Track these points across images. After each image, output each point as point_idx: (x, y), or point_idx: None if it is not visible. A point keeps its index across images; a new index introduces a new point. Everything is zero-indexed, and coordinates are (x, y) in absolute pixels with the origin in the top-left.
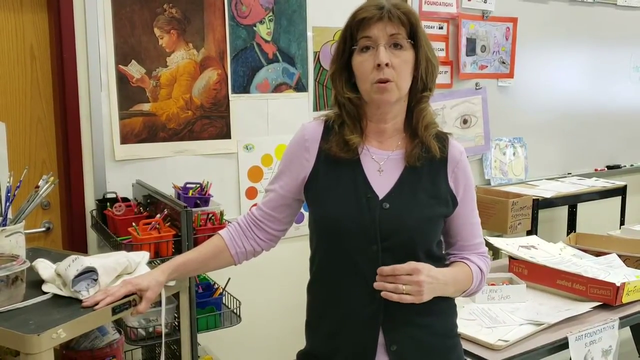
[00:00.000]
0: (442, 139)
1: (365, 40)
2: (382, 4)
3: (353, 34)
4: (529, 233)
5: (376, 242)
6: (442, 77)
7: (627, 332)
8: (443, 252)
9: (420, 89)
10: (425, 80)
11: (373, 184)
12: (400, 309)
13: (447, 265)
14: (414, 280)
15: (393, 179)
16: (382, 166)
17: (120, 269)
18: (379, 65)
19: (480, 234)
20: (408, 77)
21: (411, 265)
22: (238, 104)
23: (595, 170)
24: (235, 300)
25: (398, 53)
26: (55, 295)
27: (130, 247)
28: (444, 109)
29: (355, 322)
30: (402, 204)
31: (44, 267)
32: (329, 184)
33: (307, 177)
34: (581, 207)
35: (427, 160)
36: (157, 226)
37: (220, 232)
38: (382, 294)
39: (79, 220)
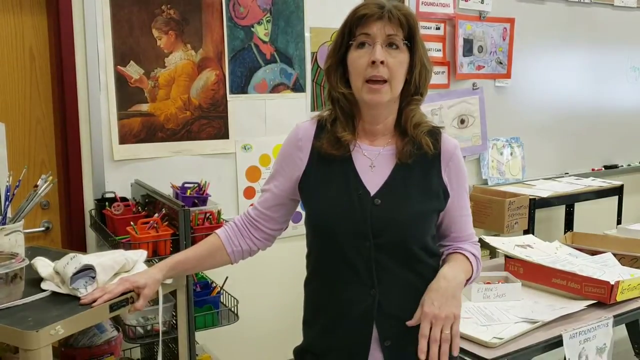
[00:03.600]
0: (435, 133)
1: (363, 37)
2: (383, 4)
3: (352, 30)
4: (525, 232)
5: (368, 238)
6: (440, 77)
7: (624, 331)
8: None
9: (412, 92)
10: (418, 84)
11: (365, 181)
12: (394, 305)
13: (443, 261)
14: (438, 320)
15: (385, 175)
16: (374, 162)
17: (118, 267)
18: (373, 62)
19: (471, 225)
20: (402, 79)
21: (418, 315)
22: (236, 104)
23: (592, 170)
24: (232, 298)
25: (394, 53)
26: (54, 293)
27: (129, 246)
28: (441, 109)
29: (350, 318)
30: (394, 200)
31: (43, 265)
32: (322, 181)
33: (300, 177)
34: (578, 207)
35: (419, 156)
36: (155, 225)
37: (217, 231)
38: (454, 351)
39: (78, 220)
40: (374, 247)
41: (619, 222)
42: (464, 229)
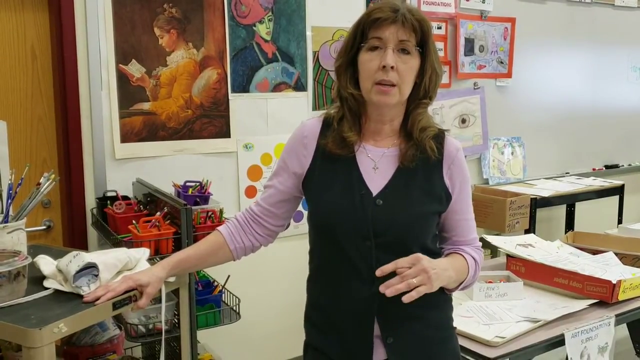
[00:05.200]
0: (439, 136)
1: (375, 41)
2: (397, 7)
3: (364, 32)
4: (526, 232)
5: (369, 238)
6: None
7: (626, 331)
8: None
9: (421, 96)
10: (428, 89)
11: (367, 181)
12: (395, 302)
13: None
14: (420, 269)
15: (387, 176)
16: (377, 164)
17: (120, 265)
18: (384, 66)
19: (474, 230)
20: (411, 83)
21: (411, 256)
22: (237, 103)
23: (593, 169)
24: (234, 297)
25: (405, 58)
26: (57, 291)
27: (131, 244)
28: (443, 109)
29: (351, 315)
30: (396, 200)
31: (46, 263)
32: (325, 180)
33: (304, 174)
34: (579, 206)
35: (422, 159)
36: (157, 224)
37: (219, 228)
38: (404, 297)
39: (80, 219)
40: (374, 246)
41: (619, 221)
42: (466, 233)
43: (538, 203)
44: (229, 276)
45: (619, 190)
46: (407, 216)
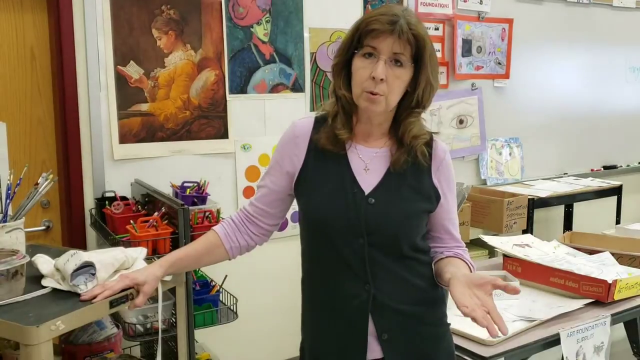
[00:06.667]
0: (429, 140)
1: (369, 49)
2: (396, 19)
3: (361, 38)
4: (524, 232)
5: (362, 236)
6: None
7: (624, 331)
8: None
9: (413, 105)
10: (421, 99)
11: (359, 180)
12: (388, 299)
13: (432, 258)
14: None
15: (379, 176)
16: (369, 164)
17: (117, 264)
18: (374, 77)
19: (458, 228)
20: (399, 94)
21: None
22: (235, 104)
23: (592, 170)
24: (232, 297)
25: (397, 70)
26: (54, 289)
27: (128, 244)
28: (440, 109)
29: (346, 313)
30: (388, 199)
31: (44, 262)
32: (318, 179)
33: (297, 174)
34: (577, 207)
35: (412, 162)
36: (155, 224)
37: (214, 228)
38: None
39: (78, 219)
40: (367, 244)
41: (617, 222)
42: (453, 230)
43: (536, 204)
44: (226, 276)
45: (617, 191)
46: (399, 214)
